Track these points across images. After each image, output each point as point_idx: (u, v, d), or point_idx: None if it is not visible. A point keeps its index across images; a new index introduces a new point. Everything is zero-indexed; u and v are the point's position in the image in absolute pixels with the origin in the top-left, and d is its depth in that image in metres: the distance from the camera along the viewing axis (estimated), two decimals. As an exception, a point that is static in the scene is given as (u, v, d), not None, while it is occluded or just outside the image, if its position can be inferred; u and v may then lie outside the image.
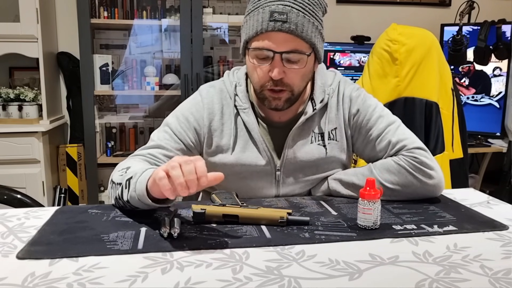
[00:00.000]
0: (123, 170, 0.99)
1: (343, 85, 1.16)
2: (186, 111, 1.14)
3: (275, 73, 1.00)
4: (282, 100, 1.05)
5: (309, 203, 1.05)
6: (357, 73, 2.90)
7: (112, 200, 1.01)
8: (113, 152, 2.72)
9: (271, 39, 0.99)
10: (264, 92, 1.05)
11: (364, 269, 0.71)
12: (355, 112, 1.14)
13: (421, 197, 1.07)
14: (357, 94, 1.15)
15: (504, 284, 0.66)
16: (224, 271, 0.70)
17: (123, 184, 0.94)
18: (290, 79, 1.03)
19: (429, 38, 1.70)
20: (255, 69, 1.04)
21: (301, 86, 1.07)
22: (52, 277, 0.68)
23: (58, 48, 2.80)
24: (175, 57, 2.82)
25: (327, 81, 1.15)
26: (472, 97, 2.92)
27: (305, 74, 1.06)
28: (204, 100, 1.14)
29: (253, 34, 1.01)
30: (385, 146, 1.10)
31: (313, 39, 1.02)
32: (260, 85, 1.05)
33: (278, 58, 1.00)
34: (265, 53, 1.00)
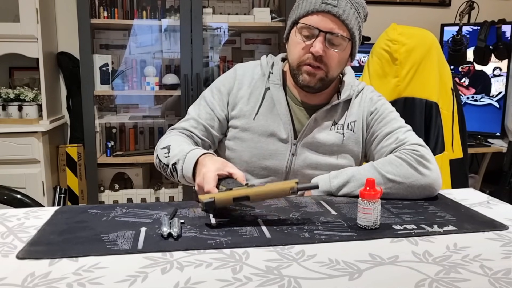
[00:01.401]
0: (165, 150, 1.14)
1: (367, 90, 1.28)
2: (219, 83, 1.26)
3: (317, 47, 1.09)
4: (316, 77, 1.14)
5: (309, 203, 1.05)
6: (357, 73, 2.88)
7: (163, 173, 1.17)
8: (113, 152, 2.72)
9: (319, 19, 1.10)
10: (301, 67, 1.14)
11: (364, 269, 0.71)
12: (373, 110, 1.23)
13: (420, 192, 1.08)
14: (378, 98, 1.26)
15: (504, 284, 0.66)
16: (224, 271, 0.70)
17: (170, 167, 1.11)
18: (328, 59, 1.12)
19: (429, 38, 1.70)
20: (298, 44, 1.13)
21: (335, 71, 1.16)
22: (52, 277, 0.68)
23: (58, 48, 2.80)
24: (175, 57, 2.82)
25: (355, 82, 1.26)
26: (472, 97, 2.92)
27: (341, 60, 1.16)
28: (238, 71, 1.26)
29: (304, 13, 1.12)
30: (392, 141, 1.17)
31: (354, 30, 1.13)
32: (299, 60, 1.14)
33: (322, 36, 1.10)
34: (312, 30, 1.11)
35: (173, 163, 1.09)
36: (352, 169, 1.13)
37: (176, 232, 0.82)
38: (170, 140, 1.16)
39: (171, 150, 1.12)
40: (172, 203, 1.04)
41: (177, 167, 1.08)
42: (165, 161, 1.13)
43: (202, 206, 0.91)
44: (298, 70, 1.15)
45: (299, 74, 1.16)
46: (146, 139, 2.89)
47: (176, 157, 1.09)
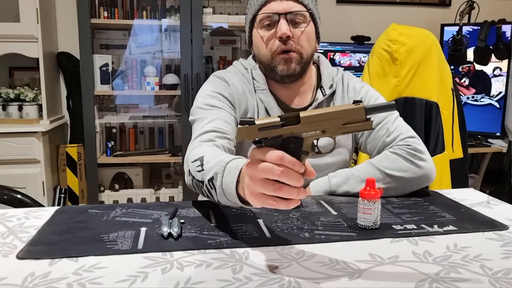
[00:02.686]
0: (197, 163, 0.90)
1: (347, 77, 1.26)
2: (215, 88, 1.17)
3: (283, 29, 1.09)
4: (293, 61, 1.12)
5: (309, 203, 1.05)
6: (357, 73, 2.88)
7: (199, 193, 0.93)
8: (113, 152, 2.72)
9: (274, 4, 1.11)
10: (275, 58, 1.13)
11: (364, 269, 0.71)
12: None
13: (418, 184, 1.11)
14: (360, 86, 1.25)
15: (504, 284, 0.66)
16: (224, 271, 0.70)
17: (206, 185, 0.85)
18: (296, 39, 1.11)
19: (429, 38, 1.70)
20: (263, 38, 1.13)
21: (308, 49, 1.14)
22: (52, 277, 0.68)
23: (58, 48, 2.80)
24: (175, 57, 2.82)
25: (333, 72, 1.25)
26: (472, 97, 2.92)
27: (310, 37, 1.15)
28: (225, 78, 1.20)
29: (258, 7, 1.12)
30: (384, 134, 1.17)
31: (311, 6, 1.14)
32: (271, 51, 1.13)
33: (284, 18, 1.10)
34: (271, 18, 1.11)
35: (209, 179, 0.84)
36: (351, 168, 1.14)
37: (176, 232, 0.82)
38: (203, 151, 0.92)
39: (205, 162, 0.87)
40: (172, 203, 1.04)
41: (215, 183, 0.81)
42: (199, 176, 0.88)
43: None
44: (273, 62, 1.13)
45: (275, 66, 1.13)
46: (146, 139, 2.89)
47: (212, 171, 0.83)
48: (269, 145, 0.65)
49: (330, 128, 0.67)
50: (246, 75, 1.20)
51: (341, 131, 0.68)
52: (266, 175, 0.64)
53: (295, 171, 0.64)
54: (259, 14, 1.12)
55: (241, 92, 1.18)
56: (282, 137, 0.66)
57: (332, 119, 0.67)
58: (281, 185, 0.64)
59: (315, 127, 0.67)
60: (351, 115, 0.67)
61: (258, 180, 0.65)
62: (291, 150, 0.65)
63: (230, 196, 0.77)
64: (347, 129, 0.68)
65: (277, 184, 0.64)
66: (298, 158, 0.65)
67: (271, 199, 0.65)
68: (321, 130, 0.67)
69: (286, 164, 0.63)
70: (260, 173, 0.64)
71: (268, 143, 0.65)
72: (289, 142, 0.66)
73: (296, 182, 0.64)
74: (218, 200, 0.83)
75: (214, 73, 1.24)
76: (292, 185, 0.64)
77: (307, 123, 0.66)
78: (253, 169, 0.65)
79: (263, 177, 0.64)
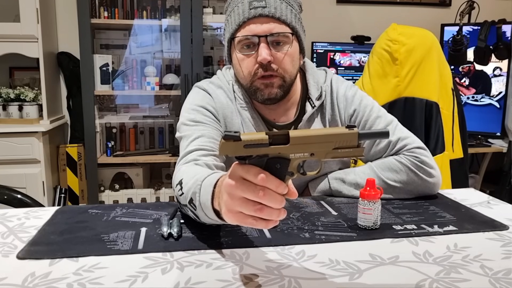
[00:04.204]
0: (178, 188, 0.87)
1: (336, 84, 1.16)
2: (199, 102, 1.10)
3: (264, 54, 0.99)
4: (274, 86, 1.04)
5: (309, 203, 1.05)
6: (357, 73, 2.90)
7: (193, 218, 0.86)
8: (113, 152, 2.72)
9: (254, 26, 1.01)
10: (255, 83, 1.04)
11: (364, 269, 0.71)
12: (352, 113, 1.14)
13: (420, 194, 1.08)
14: (352, 93, 1.15)
15: (504, 284, 0.66)
16: (224, 271, 0.70)
17: (189, 207, 0.82)
18: (278, 63, 1.02)
19: (429, 38, 1.70)
20: (242, 61, 1.04)
21: (291, 72, 1.06)
22: (52, 277, 0.68)
23: (58, 48, 2.80)
24: (175, 57, 2.82)
25: (320, 80, 1.16)
26: (472, 97, 2.92)
27: (293, 58, 1.05)
28: (209, 91, 1.12)
29: (236, 26, 1.02)
30: (385, 146, 1.10)
31: (294, 23, 1.03)
32: (250, 76, 1.04)
33: (264, 41, 1.00)
34: (251, 40, 1.02)
35: (189, 201, 0.80)
36: (351, 171, 1.12)
37: (176, 232, 0.82)
38: (182, 173, 0.90)
39: (184, 185, 0.85)
40: (172, 203, 1.04)
41: (195, 204, 0.77)
42: (182, 200, 0.85)
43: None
44: (253, 86, 1.05)
45: (256, 92, 1.05)
46: (146, 139, 2.89)
47: (190, 192, 0.80)
48: (253, 163, 0.60)
49: (320, 152, 0.64)
50: (229, 89, 1.12)
51: (330, 156, 0.64)
52: (247, 195, 0.60)
53: (277, 193, 0.60)
54: (237, 37, 1.03)
55: (226, 105, 1.10)
56: (268, 156, 0.61)
57: (323, 142, 0.63)
58: (262, 206, 0.60)
59: (304, 149, 0.63)
60: (343, 140, 0.64)
61: (238, 198, 0.61)
62: (276, 170, 0.61)
63: (209, 213, 0.74)
64: (337, 153, 0.64)
65: (258, 205, 0.60)
66: (282, 178, 0.61)
67: (250, 218, 0.61)
68: (310, 152, 0.63)
69: (269, 186, 0.59)
70: (241, 192, 0.60)
71: (252, 161, 0.61)
72: (275, 162, 0.61)
73: (278, 205, 0.60)
74: (203, 221, 0.80)
75: (197, 84, 1.16)
76: (274, 207, 0.60)
77: (296, 144, 0.62)
78: (234, 187, 0.61)
79: (243, 196, 0.60)
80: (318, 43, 2.86)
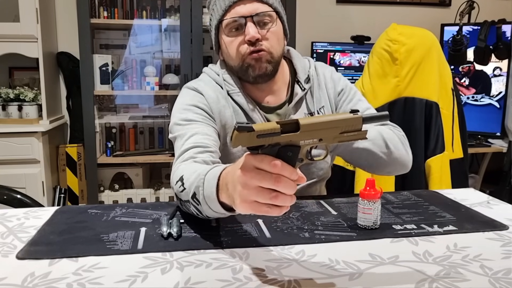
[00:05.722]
0: (179, 184, 0.88)
1: (320, 68, 1.24)
2: (189, 101, 1.13)
3: (252, 32, 1.06)
4: (263, 60, 1.10)
5: (309, 203, 1.05)
6: (357, 73, 2.90)
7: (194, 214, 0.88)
8: (113, 152, 2.72)
9: (239, 8, 1.08)
10: (246, 60, 1.10)
11: (364, 269, 0.71)
12: (340, 91, 1.22)
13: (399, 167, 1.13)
14: (338, 76, 1.24)
15: (504, 284, 0.66)
16: (224, 271, 0.70)
17: (191, 202, 0.83)
18: (265, 40, 1.09)
19: (429, 38, 1.70)
20: (231, 43, 1.11)
21: (277, 49, 1.12)
22: (52, 277, 0.68)
23: (58, 48, 2.80)
24: (175, 57, 2.82)
25: (306, 65, 1.23)
26: (472, 97, 2.92)
27: (279, 36, 1.13)
28: (198, 89, 1.15)
29: (222, 12, 1.09)
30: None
31: (276, 5, 1.12)
32: (241, 55, 1.10)
33: (250, 21, 1.07)
34: (238, 21, 1.08)
35: (191, 196, 0.82)
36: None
37: (176, 232, 0.82)
38: (182, 170, 0.91)
39: (185, 180, 0.86)
40: (172, 203, 1.04)
41: (199, 198, 0.79)
42: (183, 196, 0.86)
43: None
44: (244, 65, 1.10)
45: (247, 69, 1.10)
46: (146, 139, 2.89)
47: (193, 187, 0.82)
48: (266, 153, 0.63)
49: (328, 137, 0.67)
50: (219, 81, 1.17)
51: (337, 140, 0.68)
52: (263, 183, 0.62)
53: (291, 179, 0.63)
54: (225, 20, 1.09)
55: (216, 100, 1.13)
56: (280, 145, 0.64)
57: (331, 128, 0.66)
58: (278, 194, 0.63)
59: (313, 136, 0.66)
60: (350, 125, 0.67)
61: (253, 188, 0.63)
62: (288, 158, 0.64)
63: (214, 206, 0.76)
64: (343, 137, 0.68)
65: (273, 192, 0.63)
66: (293, 165, 0.64)
67: (265, 207, 0.64)
68: (318, 138, 0.66)
69: (283, 173, 0.62)
70: (256, 182, 0.63)
71: (265, 150, 0.63)
72: (287, 150, 0.64)
73: (291, 191, 0.63)
74: (207, 215, 0.82)
75: (186, 85, 1.19)
76: (287, 193, 0.63)
77: (306, 131, 0.65)
78: (249, 177, 0.63)
79: (259, 186, 0.63)
80: (318, 43, 2.86)
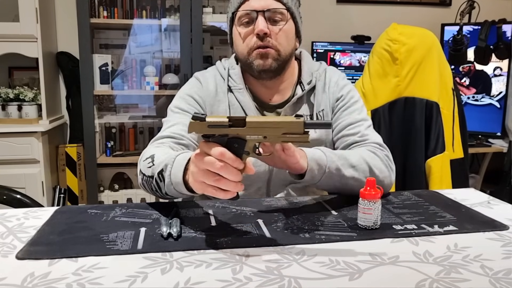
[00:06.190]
0: (148, 160, 0.99)
1: (330, 72, 1.24)
2: (188, 91, 1.20)
3: (261, 26, 1.09)
4: (269, 57, 1.11)
5: (309, 203, 1.05)
6: (357, 73, 2.90)
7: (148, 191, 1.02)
8: (112, 152, 2.72)
9: (253, 2, 1.11)
10: (252, 53, 1.12)
11: (364, 269, 0.71)
12: (339, 97, 1.21)
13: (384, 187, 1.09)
14: (344, 83, 1.23)
15: (504, 284, 0.66)
16: (224, 271, 0.70)
17: (155, 178, 0.94)
18: (274, 37, 1.11)
19: (429, 37, 1.70)
20: (241, 34, 1.14)
21: (286, 47, 1.14)
22: (51, 277, 0.67)
23: (58, 48, 2.79)
24: (174, 57, 2.82)
25: (314, 67, 1.24)
26: (472, 97, 2.92)
27: (288, 35, 1.14)
28: (200, 79, 1.22)
29: (237, 4, 1.13)
30: (352, 134, 1.16)
31: (290, 4, 1.13)
32: (248, 47, 1.13)
33: (261, 15, 1.10)
34: (250, 15, 1.11)
35: (158, 172, 0.92)
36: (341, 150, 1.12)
37: (176, 232, 0.82)
38: (155, 150, 1.02)
39: (156, 158, 0.97)
40: (172, 203, 1.04)
41: (164, 174, 0.90)
42: (149, 172, 0.96)
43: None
44: (250, 57, 1.13)
45: (252, 62, 1.13)
46: (146, 139, 2.89)
47: (162, 164, 0.92)
48: (216, 141, 0.74)
49: (271, 135, 0.76)
50: (224, 74, 1.21)
51: (280, 139, 0.76)
52: (208, 167, 0.73)
53: (234, 167, 0.73)
54: (238, 11, 1.13)
55: (213, 94, 1.19)
56: (228, 136, 0.74)
57: (274, 127, 0.75)
58: (220, 178, 0.73)
59: (258, 132, 0.75)
60: (291, 127, 0.75)
61: (201, 170, 0.74)
62: (234, 149, 0.74)
63: (177, 185, 0.87)
64: (286, 138, 0.76)
65: (217, 176, 0.73)
66: (239, 156, 0.74)
67: (210, 188, 0.75)
68: (263, 135, 0.76)
69: (226, 160, 0.72)
70: (203, 165, 0.73)
71: (215, 139, 0.74)
72: (234, 142, 0.75)
73: (233, 177, 0.73)
74: (166, 192, 0.92)
75: (195, 73, 1.26)
76: (230, 179, 0.73)
77: (252, 127, 0.75)
78: (198, 160, 0.75)
79: (206, 168, 0.73)
80: (318, 43, 2.86)
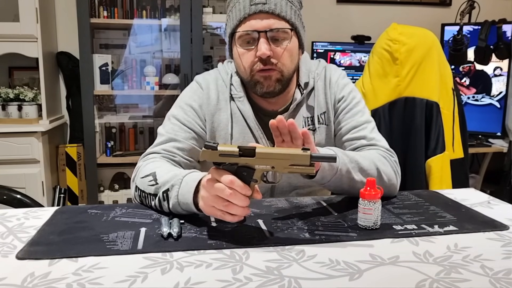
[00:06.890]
0: (150, 178, 0.97)
1: (329, 71, 1.20)
2: (188, 99, 1.16)
3: (263, 49, 1.03)
4: (273, 79, 1.07)
5: (309, 203, 1.05)
6: (357, 72, 2.89)
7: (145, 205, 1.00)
8: (112, 152, 2.71)
9: (254, 22, 1.04)
10: (255, 76, 1.08)
11: (364, 269, 0.71)
12: (340, 98, 1.18)
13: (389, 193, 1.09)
14: (344, 82, 1.19)
15: (504, 284, 0.66)
16: (224, 271, 0.70)
17: (160, 196, 0.93)
18: (277, 58, 1.06)
19: (429, 37, 1.70)
20: (243, 55, 1.08)
21: (290, 67, 1.09)
22: (51, 277, 0.67)
23: (58, 47, 2.79)
24: (175, 56, 2.82)
25: (311, 67, 1.19)
26: (472, 97, 2.92)
27: (292, 54, 1.09)
28: (202, 85, 1.17)
29: (237, 22, 1.06)
30: (358, 137, 1.14)
31: (293, 20, 1.06)
32: (250, 70, 1.07)
33: (263, 37, 1.04)
34: (251, 35, 1.05)
35: (164, 191, 0.93)
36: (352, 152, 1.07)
37: (176, 232, 0.82)
38: (154, 167, 1.00)
39: (159, 177, 0.96)
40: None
41: (170, 194, 0.91)
42: (151, 190, 0.96)
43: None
44: (252, 79, 1.08)
45: (256, 85, 1.08)
46: (146, 139, 2.89)
47: (167, 184, 0.92)
48: (226, 169, 0.79)
49: (279, 166, 0.79)
50: (226, 81, 1.16)
51: (287, 170, 0.79)
52: (218, 193, 0.78)
53: (242, 194, 0.77)
54: (238, 32, 1.06)
55: (214, 102, 1.15)
56: (238, 164, 0.79)
57: (282, 159, 0.79)
58: (229, 203, 0.78)
59: (266, 163, 0.79)
60: (298, 159, 0.79)
61: (212, 195, 0.79)
62: (243, 177, 0.79)
63: (185, 205, 0.89)
64: (292, 169, 0.79)
65: (226, 202, 0.78)
66: (248, 184, 0.79)
67: (220, 212, 0.80)
68: (271, 165, 0.79)
69: (236, 188, 0.77)
70: (214, 191, 0.78)
71: (225, 167, 0.79)
72: (243, 170, 0.79)
73: (242, 203, 0.78)
74: (169, 208, 0.92)
75: (197, 77, 1.20)
76: (239, 205, 0.78)
77: (261, 158, 0.79)
78: (210, 186, 0.80)
79: (216, 194, 0.78)
80: (318, 43, 2.85)
